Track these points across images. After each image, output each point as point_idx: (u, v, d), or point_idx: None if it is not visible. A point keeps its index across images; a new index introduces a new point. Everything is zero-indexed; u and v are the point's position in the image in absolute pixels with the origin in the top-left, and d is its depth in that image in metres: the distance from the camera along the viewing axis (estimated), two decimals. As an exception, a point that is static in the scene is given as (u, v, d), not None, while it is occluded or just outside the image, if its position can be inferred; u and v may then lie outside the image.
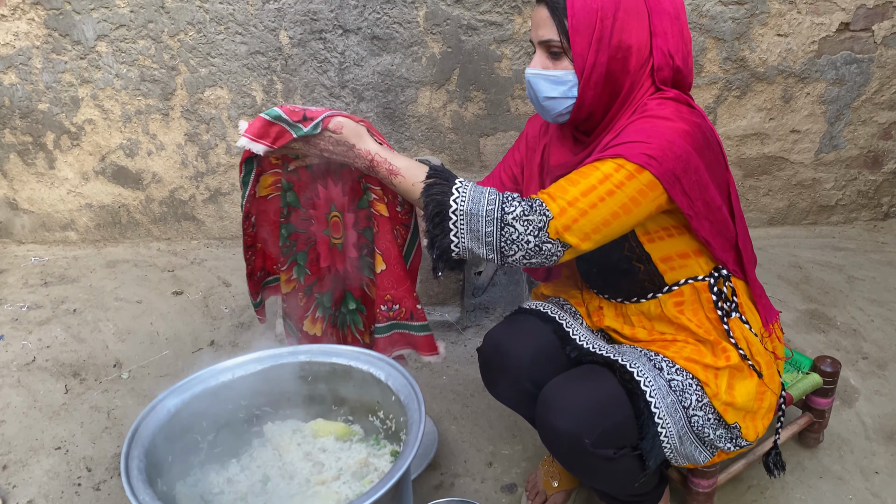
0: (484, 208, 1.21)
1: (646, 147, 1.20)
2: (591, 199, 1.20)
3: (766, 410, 1.42)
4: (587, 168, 1.23)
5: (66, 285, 2.89)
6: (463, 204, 1.22)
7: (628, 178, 1.20)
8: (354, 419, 1.36)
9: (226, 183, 3.08)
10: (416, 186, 1.29)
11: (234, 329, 2.59)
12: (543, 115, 1.39)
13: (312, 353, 1.32)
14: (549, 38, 1.29)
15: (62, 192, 3.11)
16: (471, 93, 2.85)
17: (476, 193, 1.23)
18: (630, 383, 1.31)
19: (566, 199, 1.20)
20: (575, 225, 1.20)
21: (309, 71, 2.83)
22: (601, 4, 1.25)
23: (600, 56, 1.27)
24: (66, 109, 2.94)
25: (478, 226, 1.21)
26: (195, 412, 1.25)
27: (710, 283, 1.39)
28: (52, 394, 2.26)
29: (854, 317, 2.51)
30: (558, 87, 1.31)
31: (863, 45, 2.74)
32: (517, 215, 1.20)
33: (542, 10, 1.30)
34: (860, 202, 3.08)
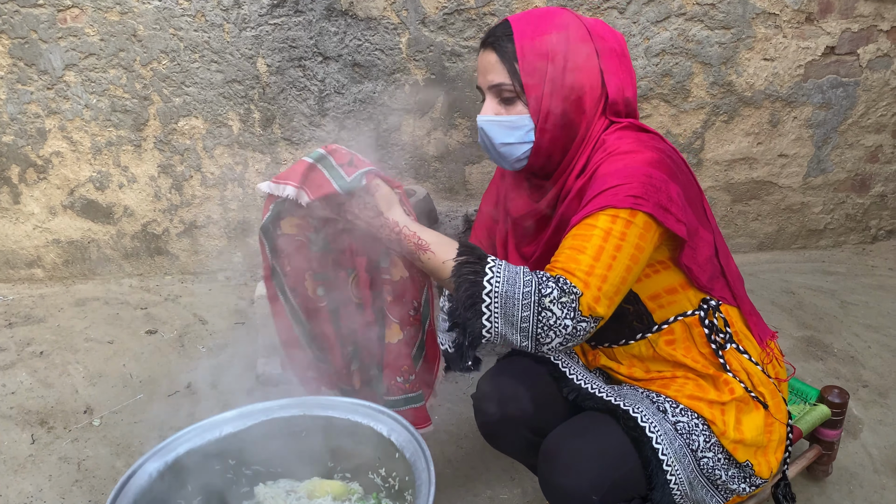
0: (520, 290, 1.12)
1: (628, 188, 1.16)
2: (606, 261, 1.14)
3: (777, 443, 1.37)
4: (583, 229, 1.17)
5: (32, 326, 2.75)
6: (498, 286, 1.13)
7: (626, 226, 1.15)
8: (353, 477, 1.26)
9: (201, 216, 2.96)
10: (446, 265, 1.19)
11: (212, 370, 2.48)
12: (500, 163, 1.36)
13: (306, 406, 1.22)
14: (500, 83, 1.27)
15: (28, 228, 2.97)
16: (455, 120, 2.78)
17: (511, 274, 1.14)
18: (635, 430, 1.25)
19: (583, 270, 1.14)
20: (601, 293, 1.14)
21: (288, 99, 2.75)
22: (550, 47, 1.25)
23: (555, 99, 1.26)
24: (33, 142, 2.81)
25: (513, 310, 1.12)
26: (179, 475, 1.14)
27: (701, 317, 1.35)
28: (17, 444, 2.13)
29: (851, 343, 2.48)
30: (514, 132, 1.29)
31: (848, 69, 2.74)
32: (554, 298, 1.12)
33: (490, 54, 1.28)
34: (849, 225, 3.06)
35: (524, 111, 1.27)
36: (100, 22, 2.62)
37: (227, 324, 2.74)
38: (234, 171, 2.88)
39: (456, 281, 1.15)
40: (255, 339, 2.55)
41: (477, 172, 2.88)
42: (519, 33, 1.26)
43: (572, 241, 1.17)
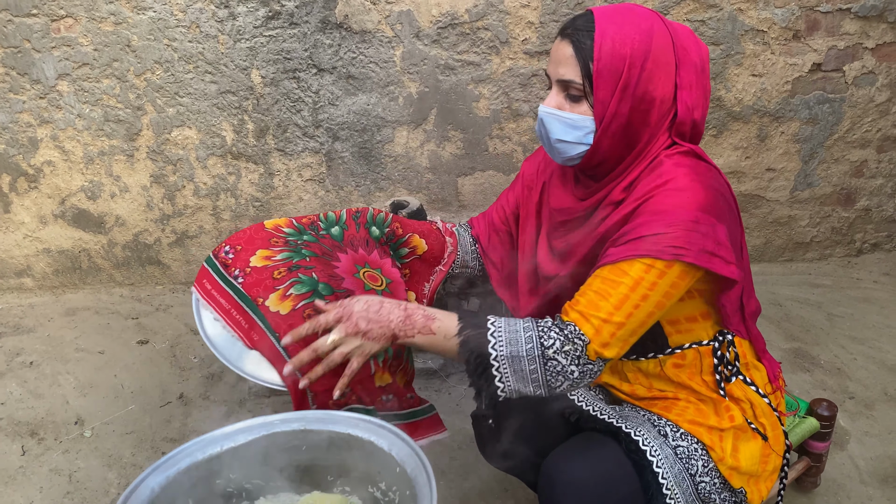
0: (524, 348, 1.17)
1: (671, 238, 1.15)
2: (627, 310, 1.16)
3: (770, 472, 1.38)
4: (614, 274, 1.17)
5: (22, 336, 2.73)
6: (502, 349, 1.18)
7: (660, 276, 1.15)
8: (353, 491, 1.26)
9: (193, 226, 2.96)
10: (450, 341, 1.22)
11: (204, 381, 2.47)
12: (552, 156, 1.33)
13: (307, 420, 1.22)
14: (569, 79, 1.22)
15: (18, 237, 2.96)
16: (448, 132, 2.80)
17: (512, 334, 1.19)
18: (636, 454, 1.26)
19: (600, 317, 1.16)
20: (613, 340, 1.17)
21: (282, 110, 2.76)
22: (631, 51, 1.19)
23: (622, 106, 1.21)
24: (24, 151, 2.80)
25: (521, 366, 1.17)
26: (180, 489, 1.15)
27: (715, 348, 1.36)
28: (6, 456, 2.11)
29: (837, 355, 2.52)
30: (573, 131, 1.25)
31: (835, 86, 2.79)
32: (557, 348, 1.16)
33: (566, 46, 1.22)
34: (834, 239, 3.11)
35: (588, 112, 1.23)
36: (94, 32, 2.62)
37: (220, 334, 2.73)
38: (227, 181, 2.88)
39: (465, 356, 1.20)
40: (248, 349, 2.54)
41: (469, 184, 2.90)
42: (601, 31, 1.20)
43: (599, 285, 1.18)
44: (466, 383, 1.24)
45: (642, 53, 1.19)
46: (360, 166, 2.86)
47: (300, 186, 2.90)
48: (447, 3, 2.59)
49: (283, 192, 2.91)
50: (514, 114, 2.77)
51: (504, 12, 2.60)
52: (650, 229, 1.16)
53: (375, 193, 2.91)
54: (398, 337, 1.23)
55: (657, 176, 1.22)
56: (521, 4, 2.60)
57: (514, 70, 2.70)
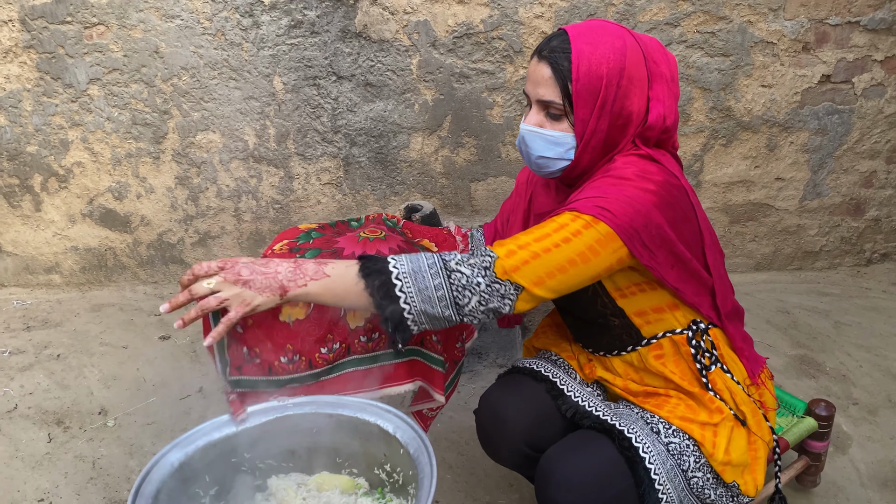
0: (425, 263, 1.19)
1: (601, 201, 1.21)
2: (545, 245, 1.19)
3: (762, 460, 1.42)
4: (543, 222, 1.23)
5: (50, 330, 2.83)
6: (403, 266, 1.18)
7: (585, 227, 1.19)
8: (359, 472, 1.33)
9: (215, 226, 3.06)
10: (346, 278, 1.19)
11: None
12: (533, 170, 1.40)
13: (318, 404, 1.30)
14: (549, 100, 1.28)
15: (48, 235, 3.07)
16: (462, 139, 2.88)
17: (413, 257, 1.20)
18: (629, 450, 1.31)
19: (517, 244, 1.20)
20: (525, 267, 1.18)
21: (302, 116, 2.85)
22: (607, 70, 1.24)
23: (601, 122, 1.27)
24: (55, 152, 2.92)
25: (425, 282, 1.17)
26: (198, 465, 1.23)
27: (689, 336, 1.40)
28: (34, 443, 2.20)
29: (843, 362, 2.54)
30: (555, 147, 1.31)
31: (844, 97, 2.82)
32: (459, 260, 1.19)
33: (544, 68, 1.27)
34: (844, 248, 3.13)
35: (569, 130, 1.28)
36: (124, 39, 2.73)
37: (238, 331, 2.82)
38: (249, 183, 2.98)
39: (366, 278, 1.17)
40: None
41: (482, 189, 2.97)
42: (577, 52, 1.24)
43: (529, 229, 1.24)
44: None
45: (618, 72, 1.24)
46: (376, 171, 2.94)
47: (318, 190, 2.99)
48: (463, 13, 2.67)
49: (301, 196, 3.00)
50: (526, 121, 2.84)
51: (518, 22, 2.68)
52: (584, 194, 1.24)
53: (391, 197, 2.99)
54: (287, 289, 1.17)
55: (604, 171, 1.29)
56: (535, 15, 2.67)
57: (528, 79, 2.77)
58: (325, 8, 2.67)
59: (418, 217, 2.59)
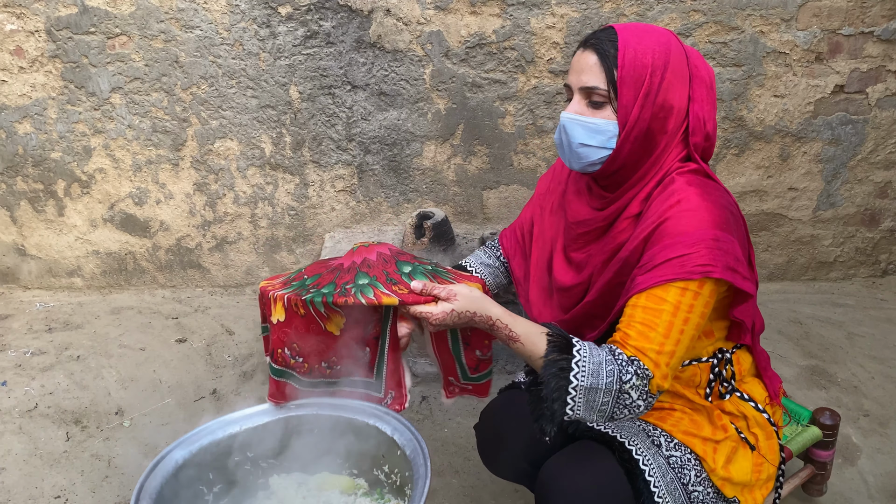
0: (604, 381, 1.19)
1: (697, 257, 1.20)
2: (675, 337, 1.21)
3: (765, 481, 1.42)
4: (652, 302, 1.22)
5: (71, 331, 2.90)
6: (583, 380, 1.19)
7: (695, 297, 1.21)
8: (359, 473, 1.36)
9: (232, 232, 3.12)
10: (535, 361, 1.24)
11: (236, 378, 2.60)
12: (570, 163, 1.36)
13: (320, 406, 1.33)
14: (594, 86, 1.28)
15: (70, 239, 3.15)
16: (475, 147, 2.91)
17: (595, 366, 1.20)
18: (629, 462, 1.31)
19: (654, 350, 1.20)
20: (668, 370, 1.21)
21: (317, 124, 2.90)
22: (652, 61, 1.26)
23: (644, 111, 1.26)
24: (78, 158, 3.00)
25: (595, 398, 1.20)
26: (202, 464, 1.26)
27: (713, 365, 1.40)
28: (53, 441, 2.25)
29: (855, 374, 2.53)
30: (597, 135, 1.30)
31: (857, 107, 2.81)
32: (634, 384, 1.19)
33: (590, 55, 1.28)
34: (858, 259, 3.11)
35: (611, 117, 1.28)
36: (145, 48, 2.80)
37: (253, 335, 2.87)
38: (265, 190, 3.04)
39: (546, 377, 1.21)
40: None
41: (494, 197, 3.00)
42: (623, 41, 1.26)
43: (642, 315, 1.22)
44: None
45: (662, 63, 1.25)
46: (389, 178, 2.99)
47: (333, 197, 3.04)
48: (475, 24, 2.71)
49: (316, 202, 3.05)
50: (538, 130, 2.87)
51: (530, 33, 2.71)
52: (675, 251, 1.21)
53: (403, 205, 3.03)
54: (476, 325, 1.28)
55: (669, 194, 1.27)
56: (547, 25, 2.70)
57: (539, 88, 2.80)
58: (340, 19, 2.73)
59: (430, 224, 2.62)
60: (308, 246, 3.13)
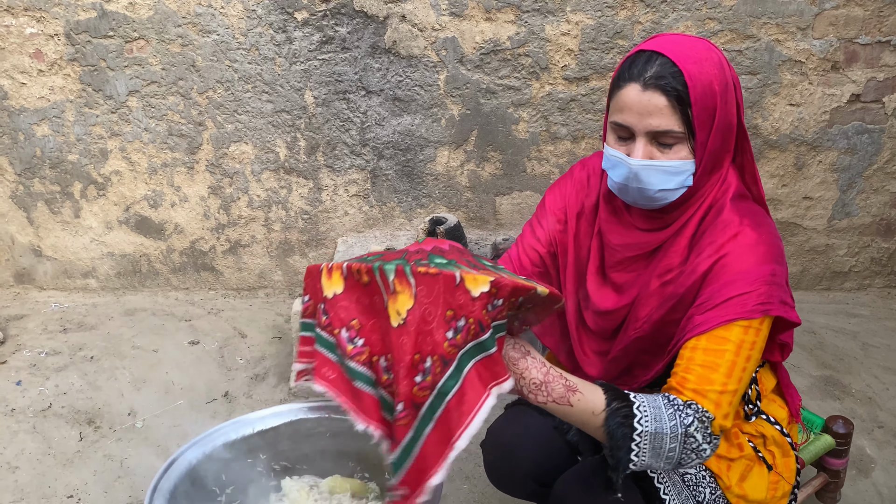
0: (667, 425, 1.13)
1: (757, 296, 1.19)
2: (737, 375, 1.18)
3: (780, 498, 1.40)
4: (714, 342, 1.19)
5: (85, 332, 2.92)
6: (647, 425, 1.13)
7: (756, 335, 1.20)
8: (371, 476, 1.37)
9: (246, 235, 3.14)
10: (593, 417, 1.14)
11: (248, 381, 2.61)
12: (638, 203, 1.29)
13: (332, 409, 1.34)
14: (668, 129, 1.20)
15: (85, 241, 3.18)
16: (488, 153, 2.92)
17: (656, 411, 1.14)
18: (643, 481, 1.29)
19: (716, 391, 1.17)
20: (730, 409, 1.18)
21: (332, 129, 2.92)
22: (718, 88, 1.20)
23: (716, 141, 1.22)
24: (95, 161, 3.02)
25: (661, 444, 1.14)
26: (215, 465, 1.27)
27: None
28: (66, 441, 2.27)
29: (869, 384, 2.51)
30: (675, 178, 1.23)
31: (874, 116, 2.80)
32: (697, 427, 1.15)
33: (657, 97, 1.18)
34: (874, 269, 3.09)
35: (688, 156, 1.22)
36: (162, 53, 2.83)
37: (265, 338, 2.88)
38: (279, 194, 3.05)
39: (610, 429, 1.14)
40: (291, 353, 2.68)
41: (507, 203, 3.00)
42: (689, 74, 1.18)
43: (703, 357, 1.19)
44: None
45: (723, 87, 1.20)
46: (402, 184, 3.00)
47: (346, 201, 3.05)
48: (490, 30, 2.71)
49: (330, 206, 3.06)
50: (552, 137, 2.87)
51: (545, 40, 2.72)
52: (735, 289, 1.19)
53: (416, 210, 3.04)
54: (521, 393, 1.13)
55: (724, 225, 1.25)
56: (562, 32, 2.70)
57: (553, 95, 2.80)
58: (355, 25, 2.74)
59: (443, 230, 2.63)
60: (321, 250, 3.15)
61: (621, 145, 1.25)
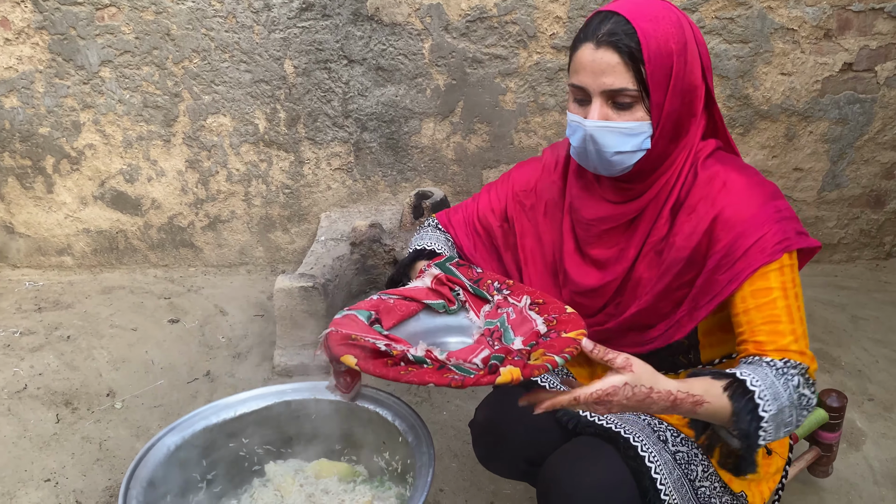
0: (784, 397, 1.12)
1: (773, 236, 1.16)
2: (797, 316, 1.17)
3: (773, 474, 1.38)
4: (760, 296, 1.16)
5: (61, 311, 2.84)
6: (770, 408, 1.11)
7: (791, 270, 1.17)
8: (358, 459, 1.32)
9: (225, 210, 3.05)
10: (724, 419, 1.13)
11: (230, 360, 2.55)
12: (598, 170, 1.26)
13: (317, 390, 1.28)
14: (621, 87, 1.17)
15: (59, 217, 3.08)
16: (474, 125, 2.84)
17: (772, 389, 1.12)
18: (634, 460, 1.25)
19: (792, 339, 1.16)
20: (808, 348, 1.18)
21: (313, 100, 2.83)
22: (675, 47, 1.17)
23: (674, 102, 1.19)
24: (67, 134, 2.92)
25: (781, 417, 1.13)
26: (195, 449, 1.21)
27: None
28: (42, 423, 2.21)
29: (859, 357, 2.49)
30: (632, 139, 1.20)
31: (866, 86, 2.76)
32: (802, 383, 1.15)
33: (609, 54, 1.16)
34: (863, 241, 3.07)
35: (644, 117, 1.18)
36: (135, 21, 2.72)
37: (247, 316, 2.82)
38: (259, 168, 2.97)
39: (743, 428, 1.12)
40: (273, 331, 2.62)
41: (494, 176, 2.94)
42: (643, 32, 1.15)
43: (759, 315, 1.17)
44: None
45: (681, 45, 1.17)
46: (387, 156, 2.92)
47: (329, 175, 2.97)
48: (476, -3, 2.63)
49: (312, 181, 2.98)
50: (540, 108, 2.80)
51: (532, 7, 2.63)
52: (749, 239, 1.17)
53: (401, 184, 2.97)
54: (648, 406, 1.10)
55: (709, 180, 1.22)
56: (550, -1, 2.63)
57: (542, 64, 2.73)
58: (336, -10, 2.65)
59: (428, 203, 2.57)
60: (304, 225, 3.07)
61: (580, 109, 1.23)
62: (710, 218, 1.20)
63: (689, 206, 1.24)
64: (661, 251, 1.27)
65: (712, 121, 1.30)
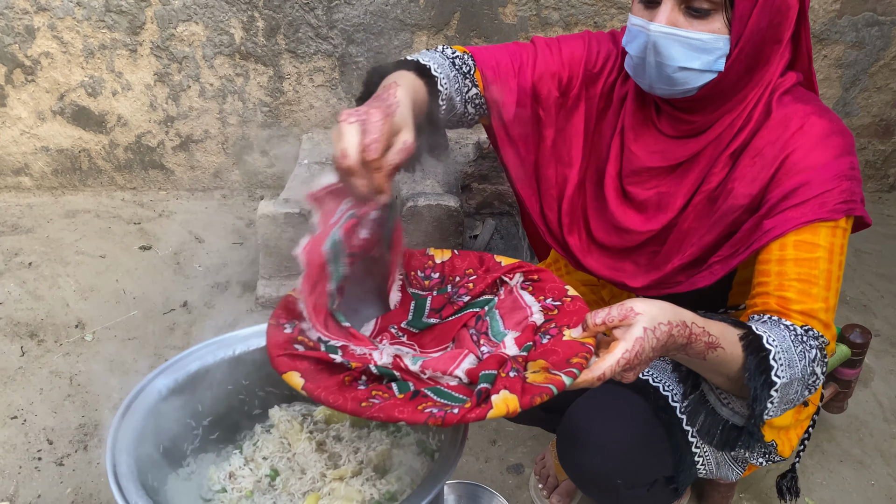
0: (798, 370, 0.99)
1: (839, 193, 1.02)
2: (835, 287, 1.04)
3: (803, 420, 1.32)
4: (804, 250, 1.02)
5: (20, 236, 2.64)
6: (784, 375, 0.98)
7: (844, 235, 1.04)
8: (372, 402, 1.19)
9: (198, 129, 2.83)
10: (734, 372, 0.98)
11: (209, 289, 2.40)
12: (654, 88, 1.09)
13: (326, 327, 1.14)
14: None
15: (15, 133, 2.82)
16: (471, 39, 2.64)
17: (788, 355, 0.98)
18: (665, 410, 1.17)
19: (822, 308, 1.02)
20: (832, 324, 1.05)
21: (294, 8, 2.59)
22: None
23: (762, 18, 1.00)
24: (20, 40, 2.63)
25: (788, 391, 1.00)
26: (190, 394, 1.07)
27: None
28: (5, 356, 2.06)
29: (864, 292, 2.45)
30: (702, 56, 1.02)
31: (886, 7, 2.62)
32: (818, 359, 1.02)
33: None
34: (867, 173, 3.00)
35: (723, 30, 1.01)
36: (94, -89, 2.42)
37: (225, 244, 2.65)
38: (235, 83, 2.73)
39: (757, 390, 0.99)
40: (255, 260, 2.46)
41: (490, 97, 2.76)
42: None
43: (797, 269, 1.02)
44: None
45: None
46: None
47: (311, 92, 2.75)
48: None
49: (292, 98, 2.77)
50: (542, 22, 2.60)
51: None
52: (813, 189, 1.02)
53: (391, 103, 2.77)
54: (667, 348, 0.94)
55: (785, 120, 1.07)
56: None
57: (546, -26, 2.52)
58: None
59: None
60: (283, 147, 2.87)
61: (645, 11, 1.05)
62: (777, 163, 1.06)
63: (755, 148, 1.09)
64: (716, 199, 1.12)
65: (797, 53, 1.13)
